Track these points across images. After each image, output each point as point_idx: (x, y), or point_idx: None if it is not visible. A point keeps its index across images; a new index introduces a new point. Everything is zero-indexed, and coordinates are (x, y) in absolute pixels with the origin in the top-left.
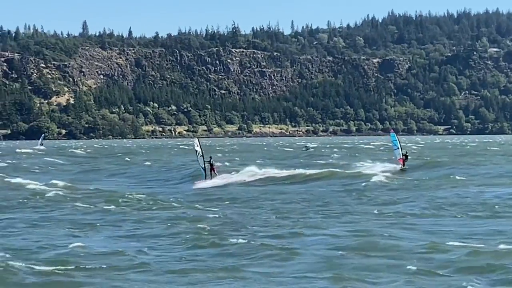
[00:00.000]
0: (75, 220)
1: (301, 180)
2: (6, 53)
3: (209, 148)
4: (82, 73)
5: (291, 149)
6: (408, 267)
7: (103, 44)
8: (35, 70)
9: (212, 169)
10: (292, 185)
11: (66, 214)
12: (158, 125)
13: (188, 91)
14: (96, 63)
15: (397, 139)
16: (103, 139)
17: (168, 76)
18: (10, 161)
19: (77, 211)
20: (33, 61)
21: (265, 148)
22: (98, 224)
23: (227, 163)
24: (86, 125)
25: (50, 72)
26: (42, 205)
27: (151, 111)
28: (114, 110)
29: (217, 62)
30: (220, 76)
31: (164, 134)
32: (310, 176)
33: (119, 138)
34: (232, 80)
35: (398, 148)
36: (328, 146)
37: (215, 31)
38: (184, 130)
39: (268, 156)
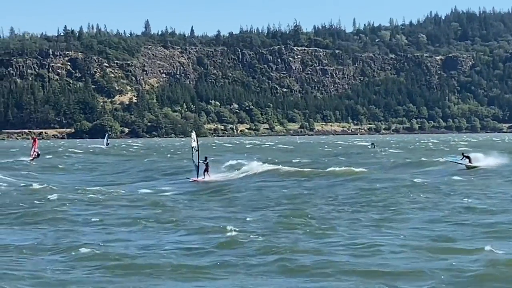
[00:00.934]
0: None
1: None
2: (70, 53)
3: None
4: (145, 72)
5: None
6: None
7: (165, 43)
8: (98, 69)
9: (206, 169)
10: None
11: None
12: (220, 123)
13: (250, 90)
14: (158, 62)
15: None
16: (165, 137)
17: (230, 75)
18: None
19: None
20: (97, 61)
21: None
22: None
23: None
24: (149, 124)
25: (113, 71)
26: None
27: (213, 110)
28: (176, 109)
29: (279, 60)
30: (282, 74)
31: (226, 132)
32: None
33: (182, 137)
34: (294, 78)
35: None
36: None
37: (277, 29)
38: (246, 128)
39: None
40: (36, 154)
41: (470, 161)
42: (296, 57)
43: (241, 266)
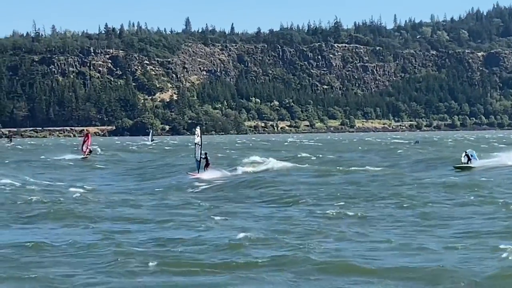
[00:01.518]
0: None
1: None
2: (111, 50)
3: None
4: (185, 69)
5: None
6: None
7: (205, 40)
8: (139, 67)
9: (207, 165)
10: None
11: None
12: (260, 120)
13: (290, 86)
14: (199, 59)
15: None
16: (205, 134)
17: (270, 72)
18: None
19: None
20: (137, 58)
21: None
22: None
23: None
24: (189, 121)
25: (153, 68)
26: None
27: (253, 107)
28: (216, 106)
29: (319, 57)
30: (322, 71)
31: (267, 129)
32: None
33: (222, 134)
34: (334, 75)
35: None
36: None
37: (317, 26)
38: (287, 126)
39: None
40: (89, 150)
41: (468, 161)
42: (336, 54)
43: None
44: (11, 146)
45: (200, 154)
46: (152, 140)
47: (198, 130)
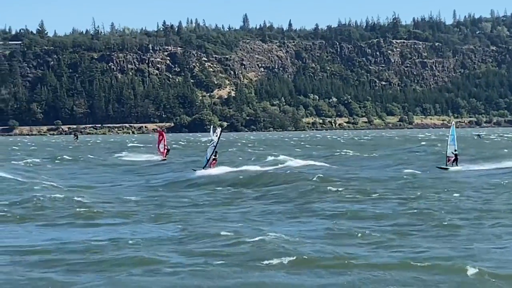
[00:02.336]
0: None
1: None
2: (169, 47)
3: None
4: (243, 66)
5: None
6: None
7: (263, 37)
8: (197, 64)
9: (214, 162)
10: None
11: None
12: (318, 117)
13: (349, 83)
14: (256, 56)
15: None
16: (263, 131)
17: (328, 68)
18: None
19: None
20: (195, 55)
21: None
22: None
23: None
24: (247, 118)
25: (211, 65)
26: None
27: (311, 103)
28: (274, 103)
29: (378, 53)
30: (381, 68)
31: (325, 126)
32: None
33: (280, 130)
34: (392, 71)
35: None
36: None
37: (376, 22)
38: (345, 122)
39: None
40: (167, 149)
41: (454, 161)
42: (395, 50)
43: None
44: (76, 143)
45: (212, 153)
46: (216, 136)
47: (218, 130)
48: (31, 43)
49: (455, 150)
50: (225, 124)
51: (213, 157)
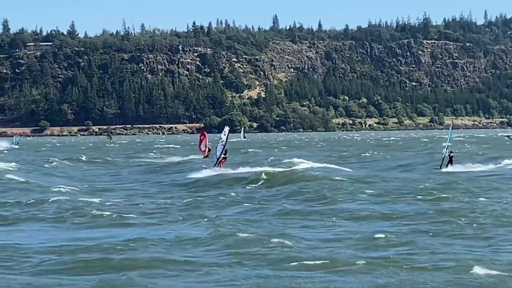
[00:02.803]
0: None
1: None
2: (199, 48)
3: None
4: (273, 67)
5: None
6: None
7: (293, 38)
8: (227, 65)
9: (223, 161)
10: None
11: None
12: (348, 117)
13: (379, 84)
14: (286, 56)
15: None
16: (293, 132)
17: (358, 69)
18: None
19: None
20: (225, 56)
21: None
22: None
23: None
24: (277, 118)
25: (241, 66)
26: None
27: (341, 104)
28: (304, 103)
29: (408, 54)
30: (411, 68)
31: (355, 126)
32: None
33: (310, 131)
34: (423, 72)
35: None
36: None
37: (406, 23)
38: (375, 123)
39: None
40: (208, 149)
41: (449, 162)
42: (425, 50)
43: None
44: (110, 143)
45: (222, 152)
46: (244, 137)
47: (226, 130)
48: (62, 44)
49: (451, 152)
50: (254, 124)
51: (223, 156)
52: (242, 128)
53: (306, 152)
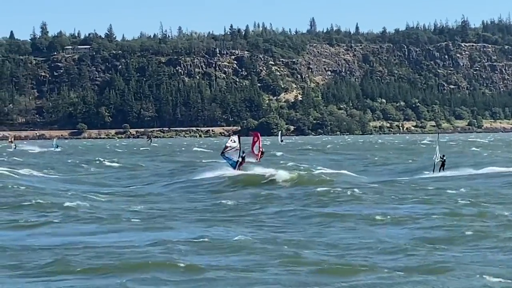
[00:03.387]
0: None
1: None
2: (236, 51)
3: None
4: (310, 70)
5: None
6: None
7: (330, 41)
8: (264, 68)
9: (242, 162)
10: None
11: None
12: (385, 120)
13: (416, 87)
14: (323, 59)
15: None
16: (330, 135)
17: (396, 72)
18: None
19: None
20: (262, 59)
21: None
22: None
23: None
24: (314, 121)
25: (278, 69)
26: None
27: (378, 107)
28: (341, 106)
29: (446, 56)
30: (449, 71)
31: (392, 130)
32: None
33: (347, 134)
34: (461, 75)
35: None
36: None
37: (444, 25)
38: (412, 126)
39: None
40: (261, 152)
41: (441, 166)
42: (463, 53)
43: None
44: (149, 145)
45: (239, 156)
46: (281, 141)
47: (235, 137)
48: (100, 47)
49: (443, 156)
50: (291, 128)
51: (240, 160)
52: (279, 132)
53: (337, 156)
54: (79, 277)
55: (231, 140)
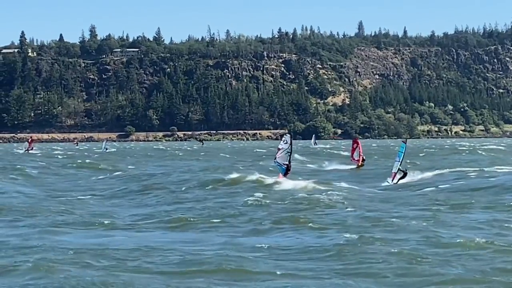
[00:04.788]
0: None
1: None
2: (284, 55)
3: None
4: (358, 73)
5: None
6: None
7: (378, 44)
8: (311, 71)
9: (288, 171)
10: None
11: None
12: (434, 124)
13: (465, 90)
14: (371, 63)
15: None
16: (378, 139)
17: (444, 75)
18: None
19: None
20: (310, 62)
21: None
22: None
23: None
24: (361, 125)
25: (326, 72)
26: None
27: (426, 111)
28: (389, 110)
29: (495, 60)
30: (498, 75)
31: (440, 134)
32: None
33: (394, 138)
34: (510, 79)
35: (399, 161)
36: None
37: (493, 29)
38: (461, 130)
39: None
40: (362, 159)
41: (402, 176)
42: None
43: None
44: (201, 147)
45: (288, 160)
46: (315, 144)
47: (288, 138)
48: (148, 50)
49: (406, 169)
50: (339, 131)
51: (288, 164)
52: (314, 135)
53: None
54: None
55: (283, 141)
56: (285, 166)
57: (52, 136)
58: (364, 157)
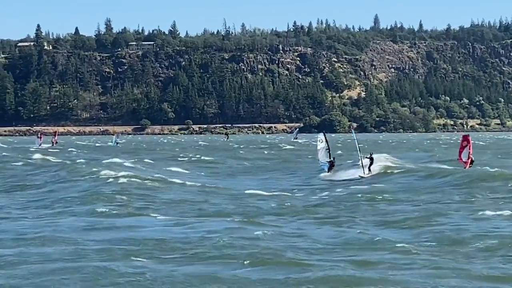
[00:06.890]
0: None
1: None
2: (299, 48)
3: None
4: (373, 67)
5: None
6: None
7: (394, 38)
8: (327, 64)
9: (332, 166)
10: None
11: None
12: (449, 118)
13: (481, 84)
14: (387, 56)
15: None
16: (393, 132)
17: (460, 69)
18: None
19: None
20: (325, 56)
21: None
22: None
23: None
24: (377, 119)
25: (341, 66)
26: None
27: (442, 105)
28: (405, 104)
29: (511, 54)
30: None
31: (456, 127)
32: None
33: (410, 132)
34: None
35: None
36: None
37: (510, 23)
38: (476, 124)
39: None
40: (471, 160)
41: (368, 166)
42: None
43: None
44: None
45: (329, 156)
46: (295, 138)
47: (321, 136)
48: (163, 43)
49: (371, 154)
50: (354, 125)
51: (332, 160)
52: (296, 129)
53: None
54: None
55: (319, 140)
56: (329, 162)
57: (67, 129)
58: (473, 159)
